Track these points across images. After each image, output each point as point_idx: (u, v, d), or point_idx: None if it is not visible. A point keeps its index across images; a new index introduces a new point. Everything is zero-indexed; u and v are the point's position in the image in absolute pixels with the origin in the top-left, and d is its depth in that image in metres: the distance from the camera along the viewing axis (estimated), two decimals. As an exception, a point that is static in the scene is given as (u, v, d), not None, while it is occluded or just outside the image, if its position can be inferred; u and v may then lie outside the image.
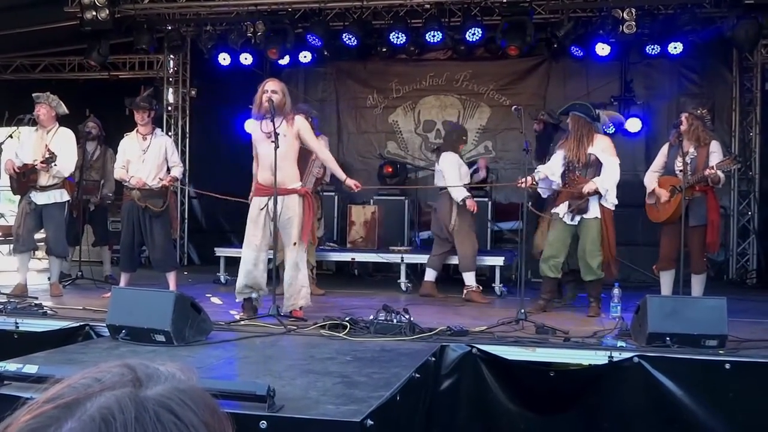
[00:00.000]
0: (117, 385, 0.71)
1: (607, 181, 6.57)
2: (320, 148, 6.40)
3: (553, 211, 6.81)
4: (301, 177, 6.33)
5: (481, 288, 7.79)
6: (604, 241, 6.60)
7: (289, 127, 6.04)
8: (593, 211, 6.61)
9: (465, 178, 7.91)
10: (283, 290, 6.18)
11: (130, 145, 7.20)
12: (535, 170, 6.92)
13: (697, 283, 6.65)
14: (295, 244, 6.07)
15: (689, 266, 6.57)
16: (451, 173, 7.78)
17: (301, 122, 6.17)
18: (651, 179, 6.80)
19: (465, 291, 7.74)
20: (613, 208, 6.64)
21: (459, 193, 7.72)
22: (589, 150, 6.62)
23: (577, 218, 6.64)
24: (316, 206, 8.15)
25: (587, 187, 6.54)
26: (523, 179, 6.63)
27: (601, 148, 6.66)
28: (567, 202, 6.67)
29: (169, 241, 7.44)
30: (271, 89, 6.09)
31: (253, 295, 6.17)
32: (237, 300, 6.29)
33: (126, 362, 0.75)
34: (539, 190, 6.98)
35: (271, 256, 6.17)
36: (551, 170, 6.76)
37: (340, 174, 6.39)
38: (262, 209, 6.05)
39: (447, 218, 7.83)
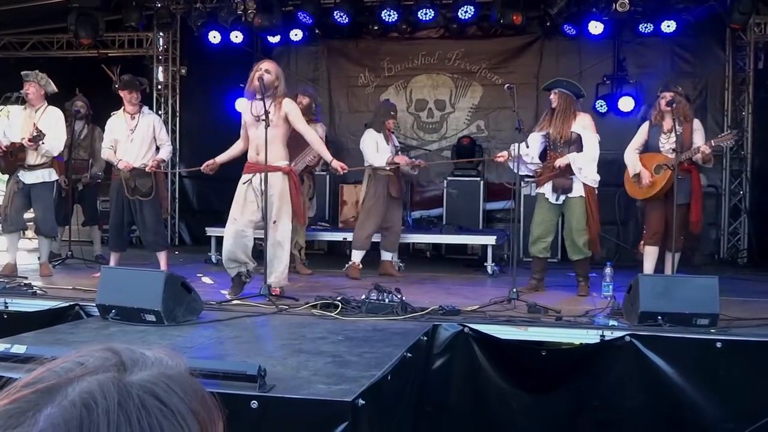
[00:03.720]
0: (100, 369, 0.68)
1: (583, 158, 6.56)
2: (308, 130, 6.33)
3: (538, 191, 6.81)
4: (292, 159, 6.37)
5: (361, 266, 7.77)
6: (588, 218, 6.62)
7: (276, 110, 6.04)
8: (577, 190, 6.62)
9: (383, 154, 7.87)
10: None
11: (117, 124, 7.13)
12: (511, 146, 6.86)
13: (672, 260, 6.63)
14: (275, 222, 6.05)
15: (667, 243, 6.56)
16: (368, 149, 7.87)
17: (289, 106, 6.15)
18: (633, 158, 6.77)
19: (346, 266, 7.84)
20: (595, 185, 6.64)
21: (378, 163, 7.79)
22: (573, 128, 6.62)
23: (562, 197, 6.65)
24: (308, 186, 8.17)
25: (559, 161, 6.53)
26: (500, 154, 6.84)
27: (583, 125, 6.65)
28: (552, 182, 6.67)
29: (159, 221, 7.40)
30: (265, 68, 6.07)
31: (242, 270, 6.15)
32: (230, 275, 6.29)
33: (110, 346, 0.72)
34: (510, 165, 6.89)
35: (257, 234, 6.20)
36: (526, 151, 6.71)
37: (327, 155, 6.35)
38: (244, 184, 6.09)
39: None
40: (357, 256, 7.82)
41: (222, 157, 6.46)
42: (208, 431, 0.71)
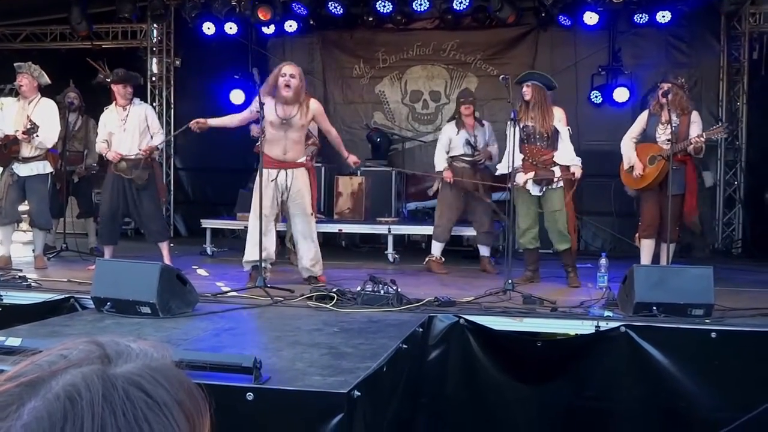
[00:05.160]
0: (84, 362, 0.68)
1: (571, 152, 6.68)
2: (331, 128, 6.68)
3: (517, 182, 6.73)
4: None
5: (443, 259, 7.76)
6: (566, 208, 6.65)
7: (303, 115, 6.25)
8: (557, 181, 6.67)
9: (455, 149, 7.82)
10: (294, 260, 6.65)
11: (109, 117, 7.20)
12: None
13: (667, 251, 6.62)
14: (311, 213, 6.40)
15: (663, 234, 6.57)
16: (438, 146, 7.93)
17: (316, 108, 6.40)
18: (629, 148, 6.78)
19: (426, 259, 7.79)
20: (580, 166, 6.69)
21: (437, 165, 7.83)
22: (553, 121, 6.67)
23: (542, 189, 6.68)
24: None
25: (572, 172, 6.61)
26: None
27: (558, 118, 6.73)
28: (533, 174, 6.67)
29: (159, 210, 7.47)
30: (290, 73, 6.19)
31: (264, 266, 6.17)
32: (246, 269, 6.40)
33: (94, 339, 0.71)
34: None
35: (280, 228, 6.49)
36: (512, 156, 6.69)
37: (344, 152, 6.76)
38: (272, 181, 6.24)
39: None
40: (436, 248, 7.82)
41: (213, 121, 6.60)
42: (195, 423, 0.70)
